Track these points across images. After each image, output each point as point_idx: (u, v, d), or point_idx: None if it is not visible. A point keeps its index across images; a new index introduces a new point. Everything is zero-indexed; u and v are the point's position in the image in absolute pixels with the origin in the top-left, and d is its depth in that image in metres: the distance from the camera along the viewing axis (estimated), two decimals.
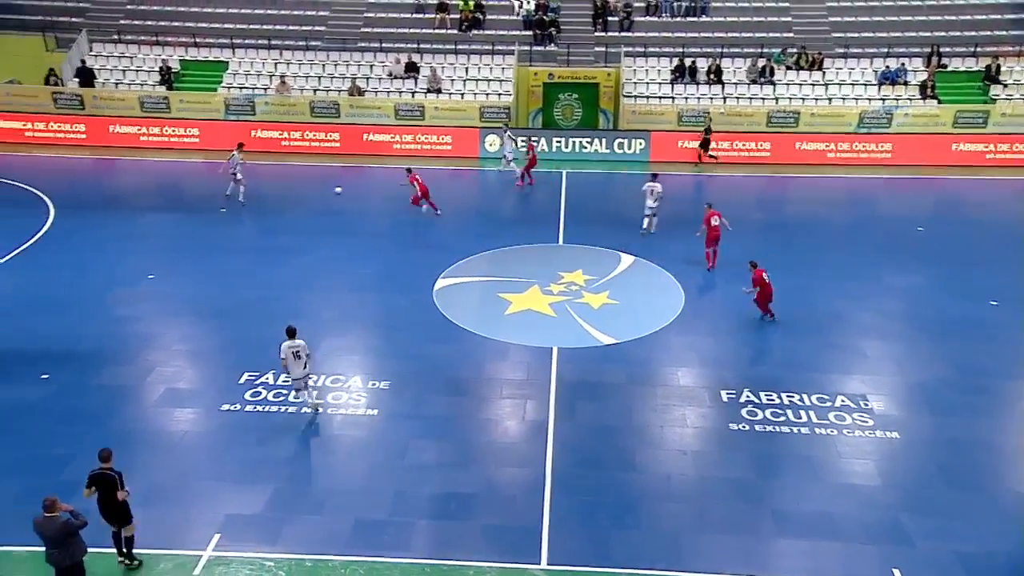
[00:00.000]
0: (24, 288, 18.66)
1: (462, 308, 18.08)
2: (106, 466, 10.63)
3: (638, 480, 12.89)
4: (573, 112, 31.38)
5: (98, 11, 33.57)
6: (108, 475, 10.59)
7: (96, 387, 14.96)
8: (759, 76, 30.87)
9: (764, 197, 26.29)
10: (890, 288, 19.31)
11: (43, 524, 9.75)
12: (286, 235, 21.95)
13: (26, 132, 29.43)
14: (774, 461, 13.37)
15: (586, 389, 15.24)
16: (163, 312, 17.83)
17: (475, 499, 12.37)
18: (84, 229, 21.96)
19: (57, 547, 9.80)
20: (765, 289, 17.43)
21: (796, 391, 15.14)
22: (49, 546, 9.84)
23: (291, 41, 32.49)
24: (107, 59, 31.94)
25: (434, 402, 14.77)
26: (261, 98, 30.15)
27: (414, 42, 32.20)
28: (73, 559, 9.92)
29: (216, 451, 13.48)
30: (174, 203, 24.39)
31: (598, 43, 32.26)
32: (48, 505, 9.71)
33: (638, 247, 21.25)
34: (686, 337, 17.18)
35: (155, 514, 11.87)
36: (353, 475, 12.90)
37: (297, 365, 13.83)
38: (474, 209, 24.77)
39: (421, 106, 29.87)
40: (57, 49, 32.09)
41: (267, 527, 11.71)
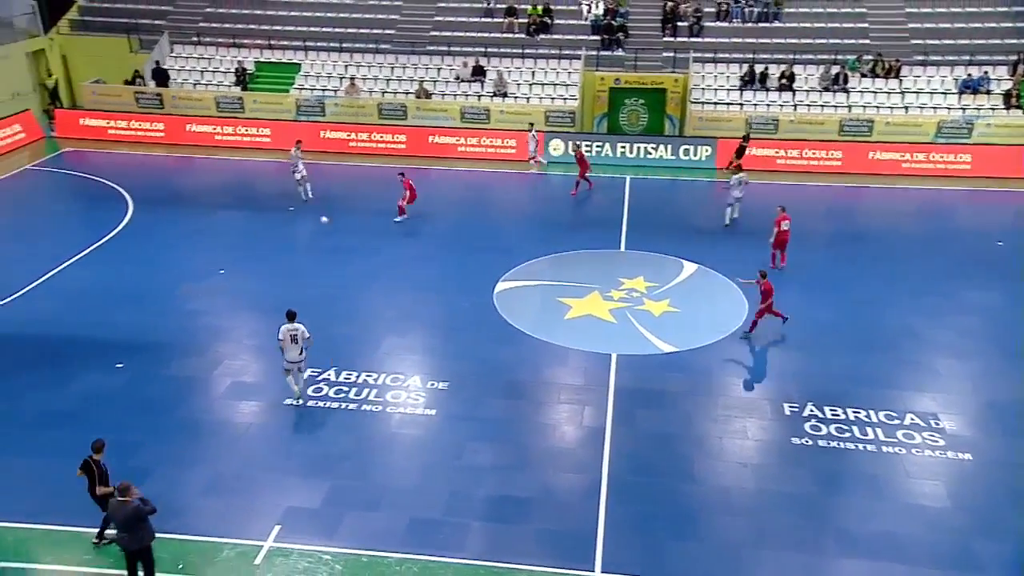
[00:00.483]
0: (103, 280, 19.40)
1: (522, 311, 18.10)
2: (96, 457, 10.99)
3: (696, 491, 12.70)
4: (639, 117, 31.16)
5: (179, 14, 34.77)
6: (91, 466, 10.96)
7: (167, 377, 15.45)
8: (832, 83, 30.14)
9: (834, 207, 25.63)
10: (966, 304, 18.61)
11: (116, 508, 10.11)
12: (351, 235, 22.31)
13: (109, 130, 30.61)
14: (838, 478, 13.01)
15: (645, 397, 15.09)
16: (231, 307, 18.31)
17: (530, 503, 12.36)
18: (160, 224, 22.72)
19: (127, 531, 10.14)
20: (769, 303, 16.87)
21: (863, 407, 14.71)
22: (120, 529, 10.19)
23: (361, 44, 33.06)
24: (186, 60, 33.03)
25: (492, 404, 14.82)
26: (331, 99, 30.76)
27: (482, 46, 32.43)
28: (141, 543, 10.25)
29: (278, 444, 13.78)
30: (245, 201, 25.05)
31: (666, 48, 31.97)
32: (122, 489, 10.05)
33: (701, 255, 20.94)
34: (748, 347, 16.86)
35: (219, 503, 12.21)
36: (410, 474, 13.03)
37: (293, 349, 14.20)
38: (536, 213, 24.78)
39: (487, 109, 30.05)
40: (140, 50, 33.34)
41: (325, 521, 11.91)
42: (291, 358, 14.33)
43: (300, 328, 14.23)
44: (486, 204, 25.24)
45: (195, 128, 30.41)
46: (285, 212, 23.93)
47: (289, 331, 14.21)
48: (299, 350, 14.28)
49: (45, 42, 33.49)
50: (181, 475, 12.77)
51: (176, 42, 33.64)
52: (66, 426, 13.86)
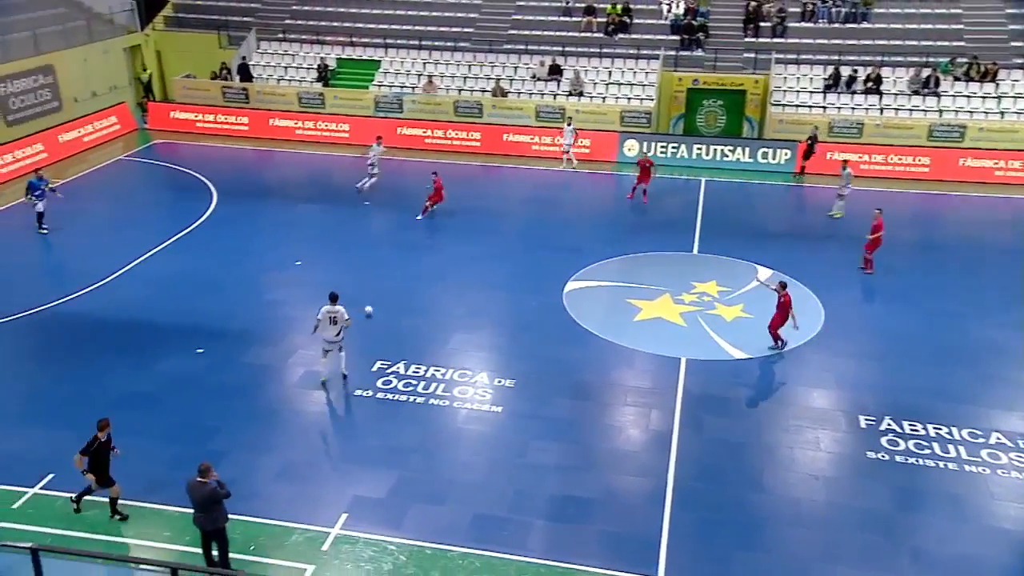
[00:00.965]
0: (187, 268, 20.12)
1: (591, 312, 18.01)
2: (99, 434, 11.46)
3: (764, 501, 12.42)
4: (717, 119, 30.62)
5: (267, 12, 35.80)
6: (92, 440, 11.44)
7: (244, 364, 15.93)
8: (922, 87, 29.02)
9: (920, 215, 24.70)
10: None
11: (194, 487, 10.44)
12: (424, 231, 22.59)
13: (197, 123, 31.74)
14: (915, 496, 12.54)
15: (714, 403, 14.83)
16: (307, 298, 18.68)
17: (593, 504, 12.30)
18: (241, 215, 23.44)
19: (202, 511, 10.50)
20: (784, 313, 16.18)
21: (944, 423, 14.14)
22: (196, 509, 10.54)
23: (440, 42, 33.42)
24: (271, 56, 33.99)
25: (558, 404, 14.79)
26: (409, 96, 31.19)
27: (559, 45, 32.38)
28: (216, 524, 10.59)
29: (347, 434, 14.06)
30: (323, 194, 25.61)
31: (748, 49, 31.31)
32: (203, 470, 10.38)
33: (777, 260, 20.45)
34: (824, 356, 16.39)
35: (290, 489, 12.53)
36: (475, 469, 13.12)
37: (332, 329, 14.86)
38: (609, 213, 24.61)
39: (562, 108, 29.99)
40: (228, 46, 34.45)
41: (391, 512, 12.10)
42: (327, 337, 14.95)
43: (340, 310, 14.85)
44: (558, 203, 25.20)
45: (278, 122, 31.24)
46: (361, 206, 24.37)
47: (329, 312, 14.85)
48: (337, 331, 14.93)
49: (141, 38, 34.94)
50: (255, 460, 13.14)
51: (263, 38, 34.64)
52: (147, 408, 14.43)
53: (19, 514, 11.90)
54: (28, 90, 28.90)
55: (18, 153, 26.89)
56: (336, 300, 14.94)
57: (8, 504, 12.06)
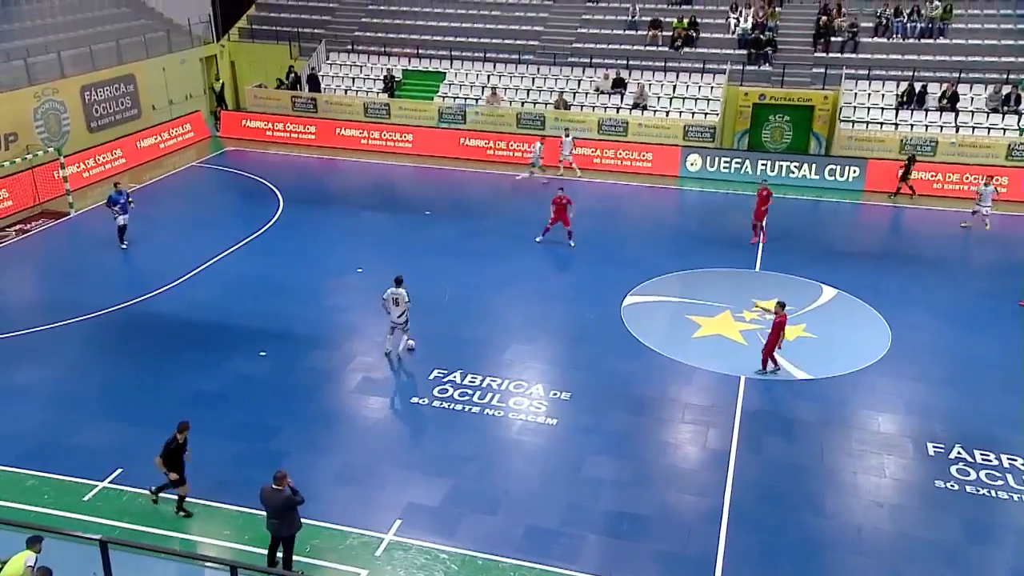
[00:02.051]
0: (253, 271, 20.62)
1: (649, 326, 17.83)
2: (178, 436, 11.80)
3: (825, 526, 12.08)
4: (783, 135, 30.07)
5: (336, 23, 36.60)
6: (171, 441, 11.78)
7: (305, 368, 16.23)
8: (1001, 104, 28.02)
9: (999, 237, 23.79)
10: None
11: (270, 495, 10.63)
12: (486, 240, 22.70)
13: (267, 131, 32.59)
14: (987, 529, 12.03)
15: (774, 423, 14.51)
16: (367, 304, 18.97)
17: (648, 521, 12.14)
18: (306, 222, 23.93)
19: (278, 518, 10.69)
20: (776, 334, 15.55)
21: (1020, 454, 13.54)
22: (271, 515, 10.73)
23: (505, 54, 33.64)
24: (340, 67, 34.71)
25: (614, 418, 14.67)
26: (472, 108, 31.46)
27: (624, 58, 32.28)
28: (291, 530, 10.79)
29: (403, 441, 14.18)
30: (386, 203, 25.98)
31: (817, 64, 30.70)
32: (278, 478, 10.57)
33: (842, 280, 19.94)
34: (890, 380, 15.88)
35: (346, 492, 12.69)
36: (528, 481, 13.08)
37: (396, 310, 16.13)
38: (670, 228, 24.38)
39: (625, 122, 29.86)
40: (299, 57, 35.33)
41: (444, 520, 12.14)
42: (392, 317, 16.22)
43: (401, 293, 16.03)
44: (620, 217, 25.06)
45: (344, 132, 31.83)
46: (422, 216, 24.64)
47: (392, 295, 16.04)
48: (400, 312, 16.11)
49: (217, 48, 36.09)
50: (314, 462, 13.35)
51: (332, 49, 35.41)
52: (214, 406, 14.81)
53: (89, 507, 12.32)
54: (111, 98, 30.10)
55: (99, 158, 28.00)
56: (400, 283, 16.10)
57: (79, 497, 12.50)
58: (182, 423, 11.91)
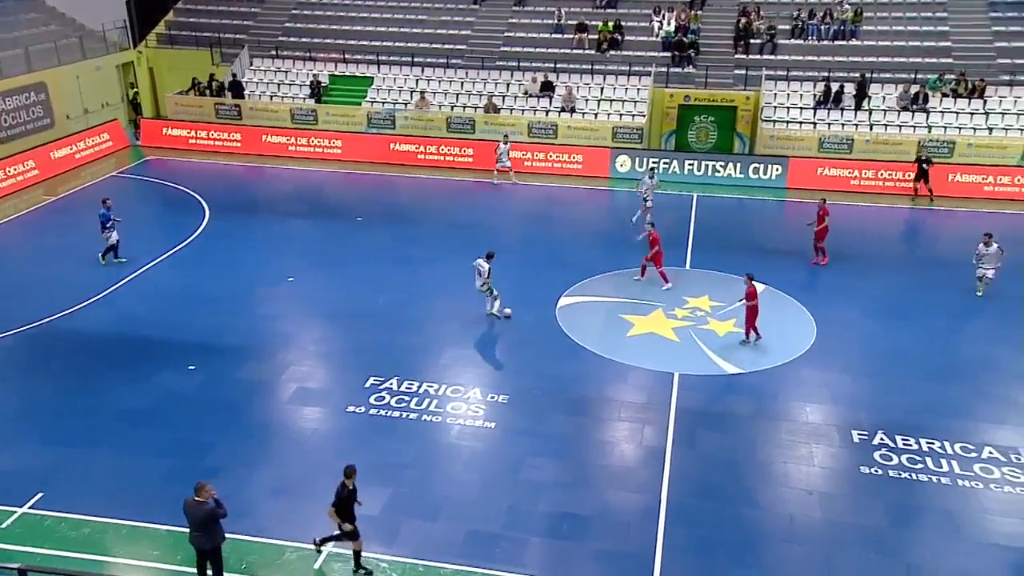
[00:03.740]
0: (179, 283, 20.04)
1: (584, 327, 18.00)
2: (347, 481, 10.93)
3: (759, 517, 12.38)
4: (708, 135, 30.79)
5: (259, 29, 35.91)
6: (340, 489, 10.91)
7: (237, 380, 15.85)
8: (911, 103, 29.26)
9: (911, 230, 24.82)
10: None
11: (192, 507, 10.32)
12: (418, 246, 22.59)
13: (190, 139, 31.74)
14: (909, 511, 12.52)
15: (707, 418, 14.82)
16: (299, 313, 18.71)
17: (588, 521, 12.24)
18: (234, 231, 23.40)
19: (200, 530, 10.38)
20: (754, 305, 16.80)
21: (937, 438, 14.16)
22: (194, 528, 10.42)
23: (433, 58, 33.56)
24: (264, 73, 34.05)
25: (551, 420, 14.75)
26: (401, 112, 31.26)
27: (551, 61, 32.56)
28: (213, 543, 10.49)
29: (340, 451, 13.94)
30: (316, 210, 25.60)
31: (738, 65, 31.54)
32: (198, 489, 10.27)
33: (769, 275, 20.50)
34: (817, 371, 16.40)
35: (283, 506, 12.44)
36: (468, 486, 13.04)
37: (477, 279, 17.85)
38: (603, 228, 24.66)
39: (554, 125, 30.12)
40: (222, 63, 34.52)
41: (384, 529, 12.01)
42: (476, 285, 17.90)
43: (481, 264, 17.77)
44: (552, 219, 25.23)
45: (271, 139, 31.26)
46: (354, 222, 24.37)
47: (477, 265, 17.82)
48: (481, 282, 17.82)
49: (134, 55, 34.98)
50: (249, 476, 13.06)
51: (256, 55, 34.72)
52: (143, 424, 14.33)
53: (7, 534, 11.76)
54: (21, 107, 28.89)
55: (10, 170, 26.83)
56: (491, 258, 17.88)
57: None
58: (349, 467, 10.91)
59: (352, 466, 10.99)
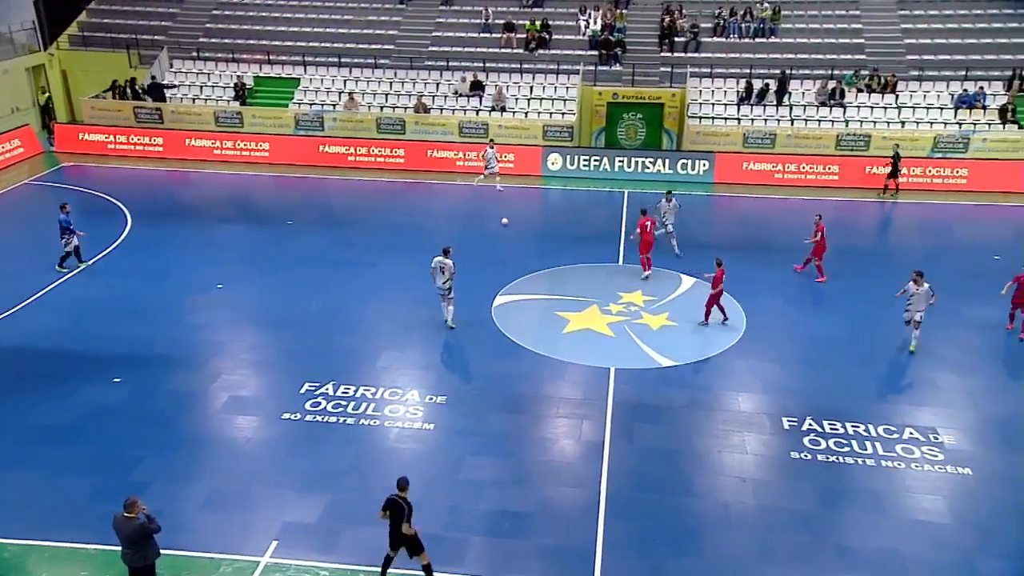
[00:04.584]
0: (101, 294, 19.39)
1: (520, 325, 18.11)
2: (400, 495, 10.64)
3: (696, 506, 12.67)
4: (637, 132, 31.29)
5: (179, 29, 34.96)
6: (399, 504, 10.62)
7: (166, 391, 15.43)
8: (829, 98, 30.31)
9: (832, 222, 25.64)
10: (965, 319, 18.63)
11: (122, 524, 9.98)
12: (351, 248, 22.36)
13: (109, 144, 30.69)
14: (837, 493, 12.99)
15: (643, 411, 15.08)
16: (230, 321, 18.32)
17: (529, 518, 12.33)
18: (159, 238, 22.74)
19: (132, 547, 10.05)
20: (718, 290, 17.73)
21: (862, 421, 14.72)
22: (125, 546, 10.08)
23: (360, 59, 33.23)
24: (186, 75, 33.16)
25: (490, 419, 14.80)
26: (330, 114, 30.87)
27: (480, 61, 32.61)
28: (146, 561, 10.17)
29: (276, 459, 13.74)
30: (245, 215, 25.09)
31: (664, 63, 32.15)
32: (128, 505, 9.94)
33: (699, 269, 20.95)
34: (747, 361, 16.87)
35: (217, 518, 12.17)
36: (409, 488, 12.95)
37: (439, 277, 17.24)
38: (536, 226, 24.84)
39: (485, 124, 30.17)
40: (140, 65, 33.48)
41: (323, 536, 11.87)
42: (437, 284, 17.34)
43: (439, 261, 17.14)
44: (486, 218, 25.28)
45: (194, 143, 30.49)
46: (284, 226, 23.96)
47: (439, 263, 17.16)
48: (444, 279, 17.18)
49: (45, 57, 33.62)
50: (180, 490, 12.72)
51: (176, 57, 33.78)
52: (67, 440, 13.83)
53: None
54: None
55: None
56: (447, 253, 17.14)
57: None
58: (401, 480, 10.67)
59: (404, 478, 10.74)
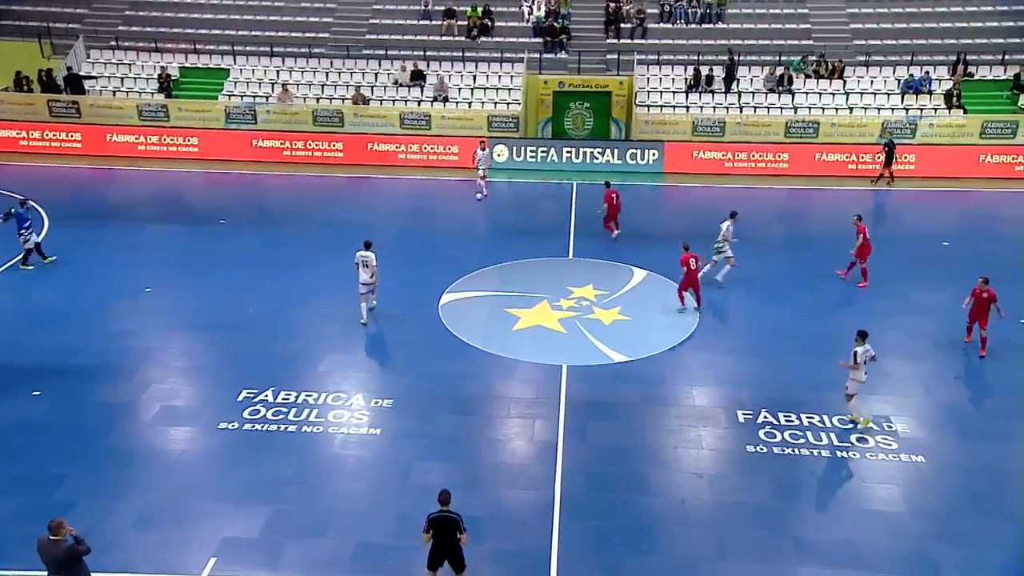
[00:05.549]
0: (16, 301, 18.80)
1: (468, 324, 18.10)
2: (446, 509, 10.44)
3: (652, 504, 12.84)
4: (584, 122, 31.49)
5: (96, 18, 33.96)
6: (450, 518, 10.42)
7: (92, 404, 15.02)
8: (777, 85, 30.94)
9: (783, 210, 26.27)
10: (915, 305, 19.23)
11: (47, 547, 9.69)
12: (288, 248, 22.05)
13: (21, 141, 29.70)
14: (794, 485, 13.30)
15: (597, 408, 15.22)
16: (160, 327, 17.91)
17: (482, 522, 12.32)
18: (80, 241, 22.10)
19: (60, 571, 9.75)
20: (689, 275, 18.32)
21: (816, 412, 15.08)
22: (51, 570, 9.78)
23: (294, 48, 32.75)
24: (104, 66, 32.26)
25: (439, 421, 14.77)
26: (263, 107, 30.37)
27: (420, 49, 32.43)
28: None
29: (213, 471, 13.50)
30: (173, 214, 24.56)
31: (610, 51, 32.41)
32: (54, 527, 9.65)
33: (651, 261, 21.24)
34: (701, 355, 17.14)
35: (151, 537, 11.91)
36: (355, 497, 12.89)
37: (364, 272, 17.34)
38: (483, 221, 24.84)
39: (427, 115, 30.04)
40: (54, 56, 32.43)
41: (266, 550, 11.71)
42: (361, 280, 17.43)
43: (362, 254, 17.30)
44: (430, 213, 25.20)
45: (116, 138, 29.70)
46: (216, 225, 23.52)
47: (362, 257, 17.32)
48: (369, 274, 17.34)
49: None
50: (110, 508, 12.41)
51: (92, 47, 32.83)
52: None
53: None
54: None
55: None
56: (368, 247, 17.35)
57: None
58: (443, 493, 10.49)
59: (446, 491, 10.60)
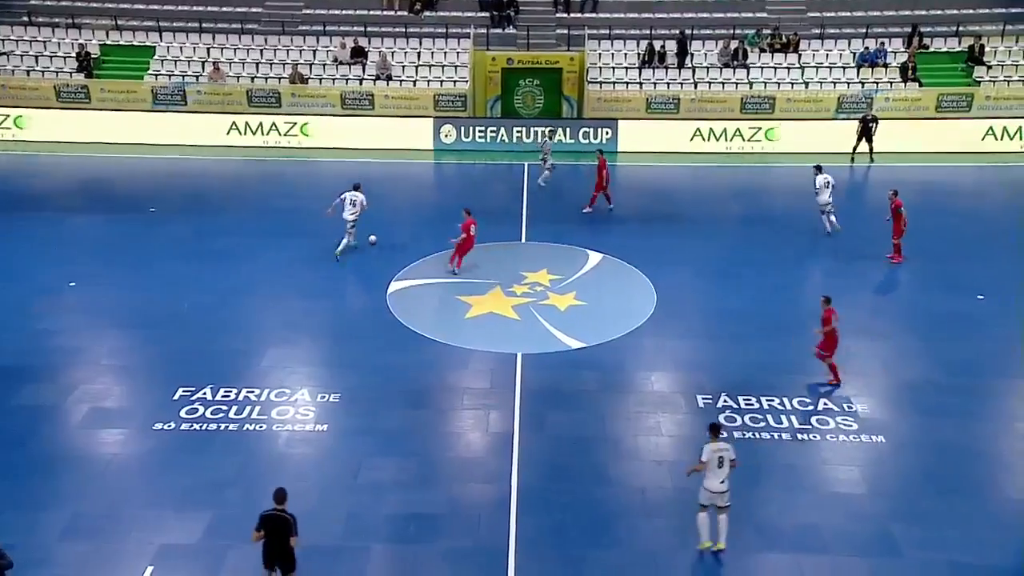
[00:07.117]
0: None
1: (418, 312, 18.00)
2: (280, 508, 10.32)
3: (611, 495, 12.94)
4: (535, 100, 31.44)
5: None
6: (282, 518, 10.30)
7: (11, 408, 14.62)
8: (732, 59, 31.25)
9: (739, 188, 26.59)
10: (873, 283, 19.68)
11: None
12: (225, 237, 21.69)
13: None
14: (755, 470, 13.46)
15: (553, 397, 15.27)
16: (87, 324, 17.49)
17: (436, 520, 12.32)
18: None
19: None
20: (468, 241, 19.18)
21: (776, 395, 15.33)
22: None
23: (225, 24, 32.10)
24: (16, 43, 31.25)
25: (389, 415, 14.68)
26: (193, 86, 29.74)
27: (360, 25, 32.02)
28: None
29: (148, 475, 13.24)
30: (97, 203, 23.97)
31: (560, 25, 32.39)
32: None
33: (606, 244, 21.35)
34: (659, 339, 17.30)
35: (82, 548, 11.66)
36: (302, 497, 12.65)
37: (348, 209, 19.65)
38: (431, 205, 24.70)
39: (370, 94, 29.71)
40: None
41: (207, 556, 11.54)
42: (345, 217, 19.65)
43: (349, 194, 19.75)
44: (375, 197, 24.86)
45: (32, 122, 28.81)
46: (146, 214, 23.00)
47: (351, 196, 19.66)
48: (353, 211, 19.59)
49: None
50: (35, 519, 12.10)
51: (3, 22, 31.79)
52: None
53: None
54: None
55: None
56: (358, 188, 19.81)
57: None
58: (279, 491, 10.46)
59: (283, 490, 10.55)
